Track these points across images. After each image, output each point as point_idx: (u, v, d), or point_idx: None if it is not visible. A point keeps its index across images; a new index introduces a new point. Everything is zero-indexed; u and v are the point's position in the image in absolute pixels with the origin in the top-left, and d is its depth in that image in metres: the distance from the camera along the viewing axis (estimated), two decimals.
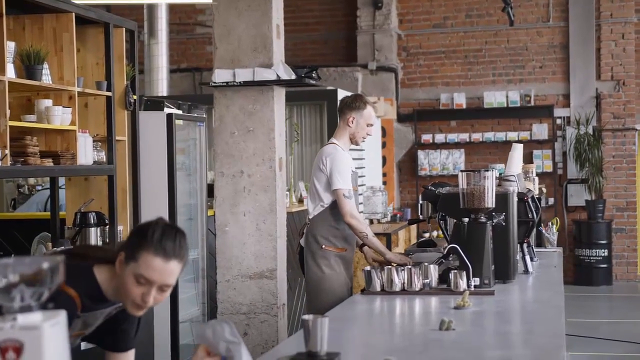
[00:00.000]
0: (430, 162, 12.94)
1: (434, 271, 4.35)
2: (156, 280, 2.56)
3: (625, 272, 12.59)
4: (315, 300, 5.19)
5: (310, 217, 5.30)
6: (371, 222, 10.35)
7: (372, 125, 5.34)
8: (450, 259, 4.47)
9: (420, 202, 5.19)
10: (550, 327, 3.32)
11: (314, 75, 6.12)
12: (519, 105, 12.68)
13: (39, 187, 8.46)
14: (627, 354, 8.17)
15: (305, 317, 2.73)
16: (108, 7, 12.34)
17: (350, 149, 9.62)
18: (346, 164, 5.20)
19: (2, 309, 1.78)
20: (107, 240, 5.63)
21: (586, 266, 12.24)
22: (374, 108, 5.38)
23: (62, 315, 1.80)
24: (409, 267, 4.37)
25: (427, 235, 12.27)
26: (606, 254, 12.24)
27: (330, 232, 5.20)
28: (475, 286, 4.25)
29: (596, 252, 12.22)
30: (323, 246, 5.20)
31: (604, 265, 12.25)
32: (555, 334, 3.14)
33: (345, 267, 5.28)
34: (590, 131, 12.34)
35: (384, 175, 12.37)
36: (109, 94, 5.61)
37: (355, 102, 5.31)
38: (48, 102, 5.03)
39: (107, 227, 5.60)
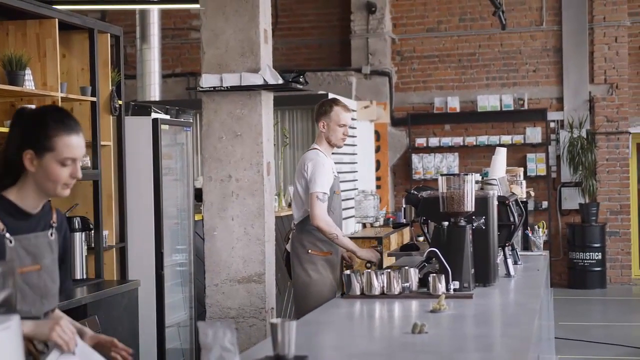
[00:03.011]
0: (425, 165, 12.95)
1: (414, 275, 4.36)
2: (78, 155, 2.72)
3: (619, 275, 12.59)
4: (303, 305, 5.22)
5: (296, 222, 5.36)
6: (364, 225, 10.36)
7: (344, 125, 5.36)
8: (431, 262, 4.47)
9: (404, 205, 5.21)
10: (520, 329, 3.33)
11: (301, 79, 6.13)
12: (512, 108, 12.70)
13: None
14: (619, 357, 8.17)
15: (273, 320, 2.76)
16: (103, 13, 12.39)
17: (341, 153, 9.63)
18: (327, 169, 5.24)
19: None
20: (93, 245, 5.64)
21: (580, 269, 12.25)
22: (344, 108, 5.39)
23: (14, 320, 1.82)
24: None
25: (421, 239, 12.28)
26: (600, 257, 12.25)
27: (315, 237, 5.25)
28: (454, 290, 4.26)
29: (590, 255, 12.22)
30: (309, 251, 5.25)
31: (598, 269, 12.26)
32: (524, 337, 3.15)
33: (332, 271, 5.32)
34: (584, 134, 12.35)
35: (378, 179, 12.39)
36: (94, 99, 5.62)
37: (322, 107, 5.40)
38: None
39: (92, 232, 5.62)
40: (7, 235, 2.65)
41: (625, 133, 12.56)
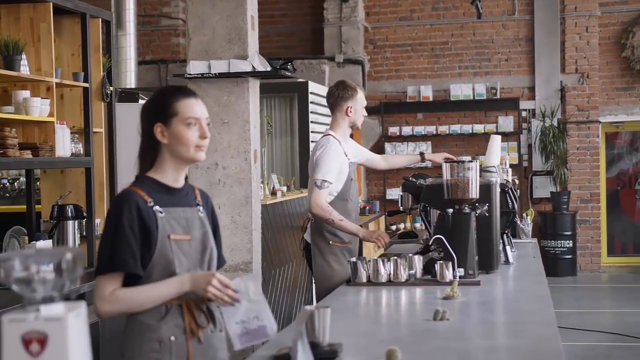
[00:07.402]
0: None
1: (418, 262, 4.36)
2: (200, 114, 2.85)
3: (589, 262, 12.76)
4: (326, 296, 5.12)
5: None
6: None
7: (365, 104, 5.43)
8: (433, 249, 4.47)
9: (401, 193, 5.19)
10: (541, 316, 3.34)
11: (289, 67, 6.11)
12: (485, 97, 12.76)
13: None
14: (592, 342, 8.28)
15: (308, 307, 2.73)
16: None
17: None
18: (335, 155, 5.14)
19: (24, 301, 1.76)
20: (85, 233, 5.56)
21: (551, 257, 12.37)
22: (361, 89, 5.44)
23: (82, 307, 1.78)
24: (392, 256, 4.37)
25: (393, 227, 12.34)
26: (571, 245, 12.39)
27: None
28: (460, 277, 4.27)
29: (561, 243, 12.36)
30: (330, 242, 5.14)
31: (569, 256, 12.41)
32: (548, 323, 3.17)
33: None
34: (555, 123, 12.47)
35: None
36: (86, 85, 5.54)
37: (347, 92, 5.32)
38: (26, 93, 4.95)
39: (85, 220, 5.54)
40: (157, 207, 2.81)
41: (596, 122, 12.70)
